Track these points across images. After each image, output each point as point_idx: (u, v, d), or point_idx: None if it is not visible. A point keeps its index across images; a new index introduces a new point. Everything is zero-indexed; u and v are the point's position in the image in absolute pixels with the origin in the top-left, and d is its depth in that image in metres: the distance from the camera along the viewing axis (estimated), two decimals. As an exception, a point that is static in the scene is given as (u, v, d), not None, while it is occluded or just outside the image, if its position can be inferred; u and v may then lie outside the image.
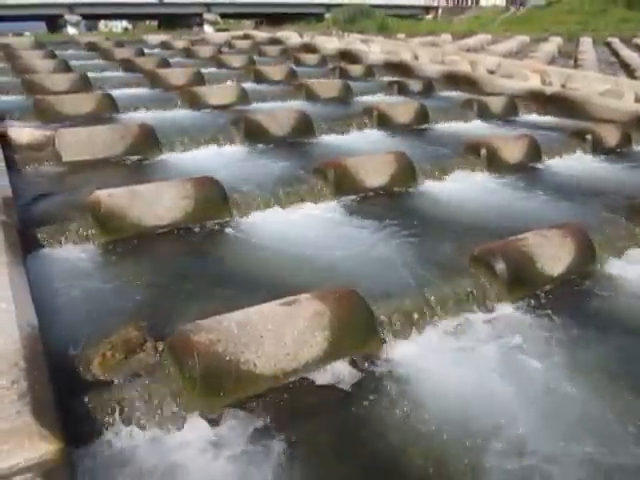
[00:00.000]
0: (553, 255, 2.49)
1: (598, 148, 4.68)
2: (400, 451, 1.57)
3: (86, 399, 1.60)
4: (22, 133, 3.96)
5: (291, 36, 12.52)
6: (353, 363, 1.89)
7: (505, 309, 2.28)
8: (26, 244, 2.41)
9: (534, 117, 5.98)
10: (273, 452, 1.54)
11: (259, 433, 1.60)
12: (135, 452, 1.52)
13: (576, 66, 9.83)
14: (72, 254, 2.53)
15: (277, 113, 4.78)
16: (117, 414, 1.59)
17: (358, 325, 1.94)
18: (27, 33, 19.47)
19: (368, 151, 4.07)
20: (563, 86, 6.77)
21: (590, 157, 4.59)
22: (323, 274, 2.43)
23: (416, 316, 2.13)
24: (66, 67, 7.00)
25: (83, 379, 1.68)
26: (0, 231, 2.22)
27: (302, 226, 2.96)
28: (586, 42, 14.27)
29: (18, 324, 1.62)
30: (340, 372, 1.85)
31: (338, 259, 2.58)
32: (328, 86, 6.47)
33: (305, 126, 4.67)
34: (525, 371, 1.91)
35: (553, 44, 13.76)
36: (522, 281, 2.38)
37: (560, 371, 1.91)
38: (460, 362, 1.95)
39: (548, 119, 5.86)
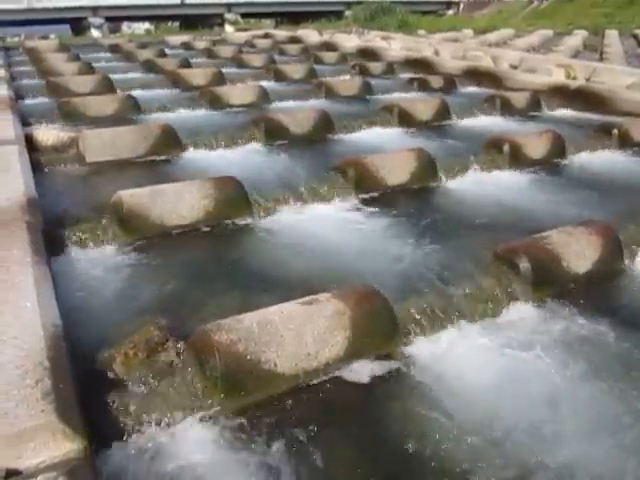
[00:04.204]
0: (579, 253, 2.43)
1: (625, 143, 4.57)
2: (423, 450, 1.55)
3: (109, 398, 1.62)
4: (47, 135, 4.03)
5: (311, 34, 12.53)
6: (375, 362, 1.88)
7: (529, 308, 2.24)
8: (50, 244, 2.44)
9: (558, 112, 5.87)
10: (294, 451, 1.53)
11: (280, 432, 1.59)
12: (157, 451, 1.52)
13: (601, 59, 9.62)
14: (95, 254, 2.56)
15: (297, 112, 4.78)
16: (139, 412, 1.60)
17: (379, 324, 1.93)
18: (52, 36, 19.86)
19: (389, 149, 4.04)
20: (588, 80, 6.63)
21: (617, 152, 4.49)
22: (344, 272, 2.42)
23: (438, 315, 2.11)
24: (90, 69, 7.11)
25: (106, 378, 1.70)
26: (25, 232, 2.26)
27: (323, 224, 2.95)
28: (612, 35, 13.95)
29: (42, 323, 1.64)
30: (361, 371, 1.84)
31: (359, 257, 2.57)
32: (348, 84, 6.45)
33: (325, 124, 4.66)
34: (548, 372, 1.87)
35: (577, 38, 13.49)
36: (547, 280, 2.34)
37: (585, 372, 1.87)
38: (482, 362, 1.92)
39: (573, 114, 5.75)
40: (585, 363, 1.91)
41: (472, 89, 6.92)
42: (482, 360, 1.93)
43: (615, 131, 4.60)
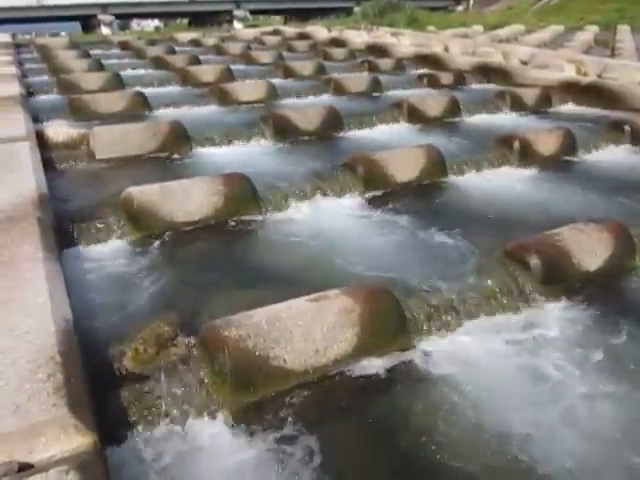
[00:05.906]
0: (590, 250, 2.42)
1: (637, 139, 4.53)
2: (431, 446, 1.55)
3: (119, 393, 1.63)
4: (58, 132, 4.05)
5: (320, 31, 12.49)
6: (383, 359, 1.87)
7: (539, 305, 2.23)
8: (61, 240, 2.46)
9: (569, 108, 5.82)
10: (302, 447, 1.54)
11: (288, 428, 1.60)
12: (166, 445, 1.53)
13: (613, 55, 9.53)
14: (105, 249, 2.57)
15: (306, 108, 4.78)
16: (149, 407, 1.61)
17: (388, 321, 1.92)
18: (63, 33, 19.96)
19: (398, 145, 4.02)
20: (599, 76, 6.57)
21: (629, 148, 4.45)
22: (352, 269, 2.41)
23: (447, 312, 2.10)
24: (100, 66, 7.13)
25: (116, 373, 1.71)
26: (36, 227, 2.27)
27: (331, 221, 2.95)
28: (624, 30, 13.81)
29: (54, 319, 1.65)
30: (370, 368, 1.84)
31: (367, 254, 2.56)
32: (357, 80, 6.44)
33: (334, 121, 4.65)
34: (559, 370, 1.86)
35: (589, 33, 13.37)
36: (557, 276, 2.32)
37: (594, 367, 1.86)
38: (490, 358, 1.91)
39: (584, 110, 5.69)
40: (595, 359, 1.90)
41: (482, 85, 6.89)
42: (490, 357, 1.92)
43: (627, 127, 4.55)
